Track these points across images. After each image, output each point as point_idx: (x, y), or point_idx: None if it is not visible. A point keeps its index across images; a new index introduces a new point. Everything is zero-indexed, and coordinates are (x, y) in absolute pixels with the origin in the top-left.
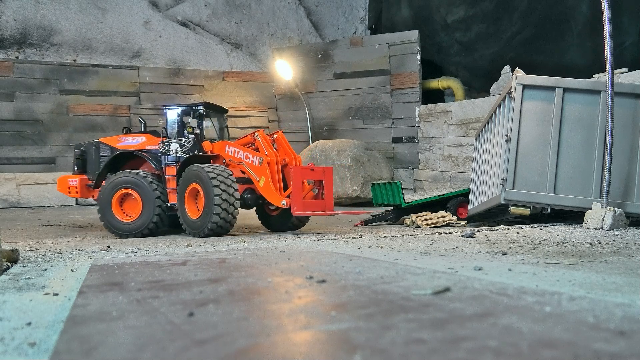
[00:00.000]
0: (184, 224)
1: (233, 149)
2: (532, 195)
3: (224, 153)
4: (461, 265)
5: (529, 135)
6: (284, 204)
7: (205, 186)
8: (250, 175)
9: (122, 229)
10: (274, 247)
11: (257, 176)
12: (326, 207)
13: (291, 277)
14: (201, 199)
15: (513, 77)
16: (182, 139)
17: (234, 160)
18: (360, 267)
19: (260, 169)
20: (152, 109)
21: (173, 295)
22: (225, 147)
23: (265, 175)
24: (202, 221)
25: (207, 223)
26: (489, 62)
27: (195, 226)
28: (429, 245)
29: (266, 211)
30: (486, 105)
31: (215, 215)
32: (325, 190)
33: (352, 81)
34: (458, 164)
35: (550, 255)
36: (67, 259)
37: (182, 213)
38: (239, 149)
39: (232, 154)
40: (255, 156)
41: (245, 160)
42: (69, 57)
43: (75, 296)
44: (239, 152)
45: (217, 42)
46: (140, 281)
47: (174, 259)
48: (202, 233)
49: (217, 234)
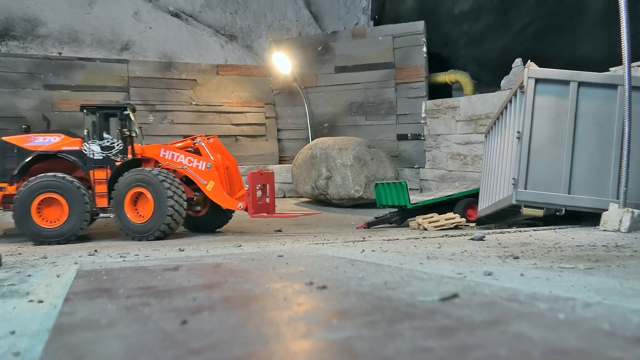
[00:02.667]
0: (125, 228)
1: (170, 153)
2: (545, 196)
3: (158, 156)
4: (470, 270)
5: (541, 132)
6: (241, 207)
7: (155, 189)
8: (195, 180)
9: (45, 235)
10: (271, 251)
11: (204, 180)
12: (270, 209)
13: (290, 283)
14: (147, 202)
15: (525, 70)
16: (112, 141)
17: (172, 164)
18: (363, 272)
19: (209, 173)
20: (143, 105)
21: (165, 302)
22: (161, 151)
23: (214, 180)
24: (150, 224)
25: (159, 225)
26: (499, 54)
27: (142, 230)
28: (436, 249)
29: (190, 213)
30: (496, 100)
31: (168, 217)
32: (270, 193)
33: (354, 75)
34: (467, 162)
35: (564, 260)
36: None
37: (123, 218)
38: (178, 152)
39: (170, 158)
40: (201, 161)
41: (189, 165)
42: (54, 50)
43: (61, 303)
44: (179, 156)
45: (211, 33)
46: (130, 287)
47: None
48: (151, 236)
49: (167, 235)
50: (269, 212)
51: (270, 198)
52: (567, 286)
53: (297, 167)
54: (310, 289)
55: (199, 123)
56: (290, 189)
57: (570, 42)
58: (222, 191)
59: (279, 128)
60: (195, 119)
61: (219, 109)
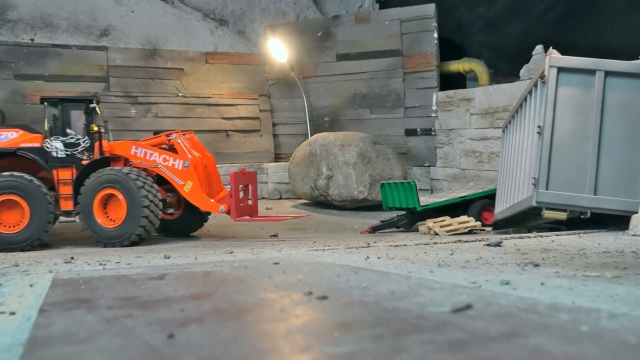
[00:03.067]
0: (95, 234)
1: (143, 151)
2: (568, 197)
3: (129, 154)
4: (485, 279)
5: (564, 127)
6: (222, 210)
7: (128, 190)
8: (171, 180)
9: (5, 241)
10: (266, 258)
11: (181, 181)
12: (252, 211)
13: (287, 293)
14: (118, 205)
15: (546, 58)
16: (77, 137)
17: (144, 162)
18: (367, 281)
19: (186, 173)
20: (124, 97)
21: (150, 313)
22: (132, 148)
23: (192, 180)
24: (124, 229)
25: (133, 229)
26: (518, 41)
27: (114, 236)
28: (448, 256)
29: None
30: (515, 91)
31: (143, 219)
32: (252, 194)
33: (358, 64)
34: (482, 160)
35: (589, 267)
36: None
37: (92, 223)
38: (152, 150)
39: (143, 156)
40: (177, 159)
41: (164, 164)
42: (26, 36)
43: (35, 315)
44: (153, 154)
45: (199, 18)
46: (111, 298)
47: (149, 272)
48: (125, 242)
49: (142, 239)
50: (252, 214)
51: (253, 199)
52: (591, 296)
53: (294, 166)
54: (309, 299)
55: (186, 117)
56: (287, 190)
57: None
58: (201, 192)
59: (275, 122)
60: (182, 112)
61: (208, 101)
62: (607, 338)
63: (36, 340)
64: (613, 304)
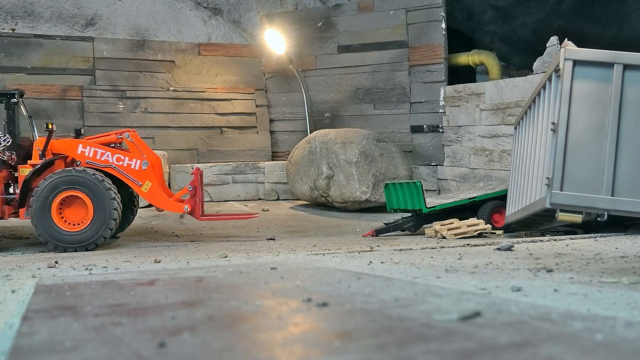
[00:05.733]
0: (52, 239)
1: (93, 150)
2: (584, 199)
3: (75, 154)
4: (495, 285)
5: (580, 124)
6: (187, 210)
7: (96, 193)
8: (127, 181)
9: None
10: (263, 263)
11: (139, 181)
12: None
13: (285, 300)
14: (78, 208)
15: (561, 50)
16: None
17: (94, 162)
18: (370, 287)
19: (145, 173)
20: (111, 91)
21: (139, 321)
22: (78, 147)
23: (151, 180)
24: (90, 232)
25: (102, 231)
26: (532, 32)
27: (79, 240)
28: (456, 261)
29: None
30: (528, 85)
31: (112, 221)
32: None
33: (361, 56)
34: (493, 159)
35: (606, 273)
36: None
37: (49, 227)
38: (103, 149)
39: (93, 156)
40: (134, 159)
41: (118, 164)
42: (6, 25)
43: (18, 323)
44: (105, 153)
45: (191, 6)
46: (98, 305)
47: (139, 278)
48: (92, 245)
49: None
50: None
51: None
52: (608, 303)
53: (293, 165)
54: (308, 306)
55: (177, 112)
56: (285, 190)
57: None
58: (161, 193)
59: (272, 118)
60: (173, 107)
61: (201, 95)
62: (623, 347)
63: (19, 350)
64: (630, 312)
